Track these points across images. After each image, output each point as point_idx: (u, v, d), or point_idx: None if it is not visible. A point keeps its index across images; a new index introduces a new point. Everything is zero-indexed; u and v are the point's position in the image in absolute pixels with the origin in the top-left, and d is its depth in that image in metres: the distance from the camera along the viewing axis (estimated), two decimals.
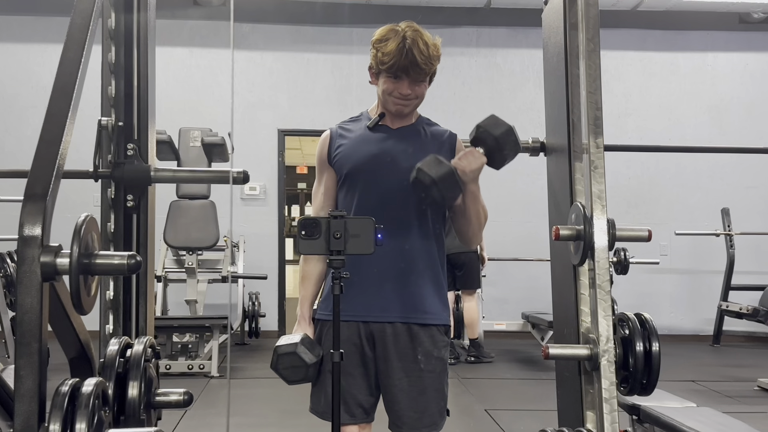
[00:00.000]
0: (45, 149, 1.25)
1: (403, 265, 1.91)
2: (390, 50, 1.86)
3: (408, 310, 1.91)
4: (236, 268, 6.21)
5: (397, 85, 1.90)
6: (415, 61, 1.85)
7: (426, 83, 1.94)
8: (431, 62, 1.89)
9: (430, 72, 1.91)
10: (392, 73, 1.89)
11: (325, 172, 2.01)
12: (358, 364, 1.92)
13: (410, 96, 1.91)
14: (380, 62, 1.89)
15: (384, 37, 1.90)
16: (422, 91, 1.94)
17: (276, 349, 1.89)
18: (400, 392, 1.91)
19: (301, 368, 1.85)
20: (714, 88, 7.29)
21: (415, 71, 1.87)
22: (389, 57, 1.86)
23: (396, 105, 1.93)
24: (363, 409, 1.94)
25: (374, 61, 1.92)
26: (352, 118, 2.07)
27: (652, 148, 6.56)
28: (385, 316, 1.91)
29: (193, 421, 3.74)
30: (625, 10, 6.97)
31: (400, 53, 1.85)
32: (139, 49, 2.02)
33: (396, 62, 1.86)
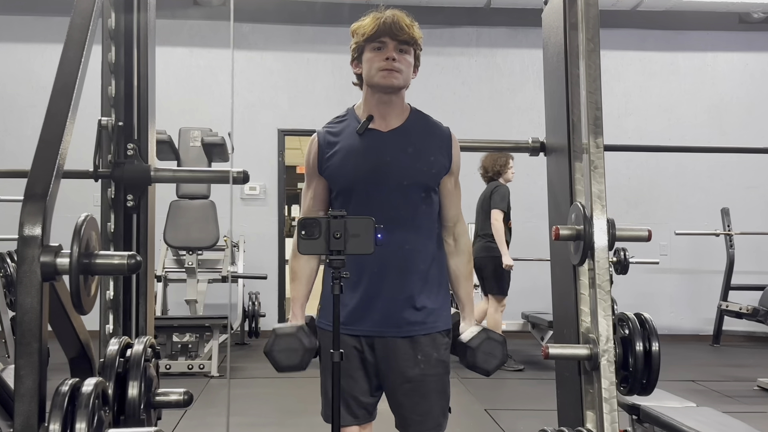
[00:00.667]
0: (45, 149, 1.25)
1: (404, 266, 1.89)
2: (369, 21, 1.86)
3: (408, 323, 1.89)
4: (236, 268, 6.21)
5: (383, 53, 1.85)
6: (397, 22, 1.83)
7: (411, 56, 1.88)
8: (414, 31, 1.86)
9: (414, 42, 1.87)
10: (376, 40, 1.85)
11: (314, 180, 1.95)
12: (358, 366, 1.91)
13: (396, 64, 1.84)
14: (362, 35, 1.87)
15: (362, 20, 1.90)
16: (408, 62, 1.87)
17: (274, 330, 1.87)
18: (404, 396, 1.91)
19: (297, 351, 1.83)
20: (714, 88, 7.29)
21: (399, 30, 1.83)
22: (369, 25, 1.85)
23: (384, 77, 1.85)
24: (365, 410, 1.94)
25: (355, 42, 1.90)
26: (338, 117, 1.98)
27: (652, 148, 6.56)
28: (386, 331, 1.89)
29: (193, 421, 3.74)
30: (625, 10, 6.97)
31: (379, 19, 1.84)
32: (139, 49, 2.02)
33: (377, 26, 1.84)
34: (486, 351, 1.89)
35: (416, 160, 1.88)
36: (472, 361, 1.90)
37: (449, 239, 1.99)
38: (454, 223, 1.99)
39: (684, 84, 7.27)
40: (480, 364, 1.90)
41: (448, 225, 1.98)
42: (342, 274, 1.60)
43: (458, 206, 2.00)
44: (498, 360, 1.91)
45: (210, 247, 5.58)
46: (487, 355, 1.89)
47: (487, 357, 1.90)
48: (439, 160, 1.92)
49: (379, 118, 1.91)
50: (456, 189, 1.98)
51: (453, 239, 1.99)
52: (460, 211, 2.01)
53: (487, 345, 1.90)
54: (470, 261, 2.03)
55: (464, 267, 2.01)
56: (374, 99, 1.90)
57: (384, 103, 1.90)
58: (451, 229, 1.99)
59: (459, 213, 2.00)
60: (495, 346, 1.90)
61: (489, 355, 1.90)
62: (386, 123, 1.91)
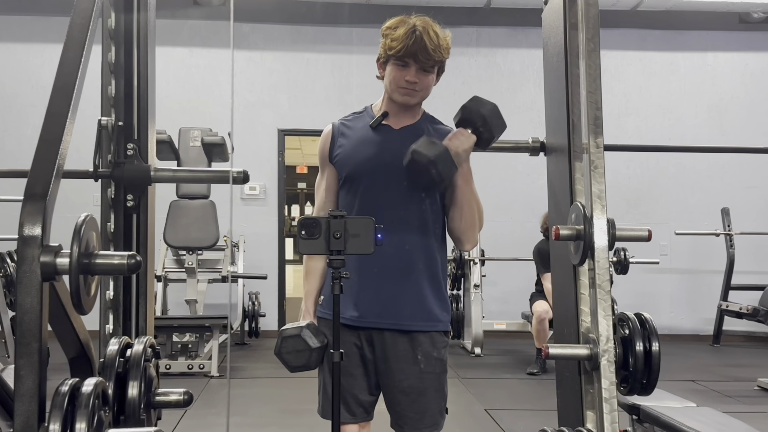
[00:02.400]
0: (45, 149, 1.25)
1: (403, 265, 1.90)
2: (399, 35, 1.84)
3: (407, 317, 1.90)
4: (236, 267, 6.21)
5: (404, 73, 1.87)
6: (424, 46, 1.83)
7: (434, 75, 1.91)
8: (440, 51, 1.86)
9: (439, 62, 1.88)
10: (400, 59, 1.86)
11: (326, 168, 2.00)
12: (358, 364, 1.92)
13: (417, 85, 1.88)
14: (389, 48, 1.86)
15: (393, 24, 1.88)
16: (429, 81, 1.91)
17: (281, 332, 1.88)
18: (401, 393, 1.91)
19: (304, 352, 1.84)
20: (714, 88, 7.29)
21: (424, 56, 1.84)
22: (398, 42, 1.84)
23: (403, 94, 1.90)
24: (363, 408, 1.94)
25: (383, 48, 1.90)
26: (354, 113, 2.04)
27: (652, 148, 6.56)
28: (385, 323, 1.90)
29: (193, 421, 3.74)
30: (625, 10, 6.97)
31: (409, 38, 1.83)
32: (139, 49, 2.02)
33: (404, 47, 1.83)
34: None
35: None
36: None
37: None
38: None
39: (684, 84, 7.27)
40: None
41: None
42: (342, 274, 1.60)
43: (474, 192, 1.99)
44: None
45: (210, 247, 5.58)
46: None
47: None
48: None
49: (393, 117, 1.97)
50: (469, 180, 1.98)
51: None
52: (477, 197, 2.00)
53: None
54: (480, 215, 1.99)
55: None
56: (392, 103, 1.96)
57: (400, 108, 1.96)
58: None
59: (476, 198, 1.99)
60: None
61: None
62: (398, 121, 1.97)
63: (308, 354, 1.84)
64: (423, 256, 1.92)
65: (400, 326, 1.90)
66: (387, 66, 1.91)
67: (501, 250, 6.51)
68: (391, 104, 1.96)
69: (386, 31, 1.89)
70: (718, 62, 7.32)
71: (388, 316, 1.90)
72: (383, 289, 1.90)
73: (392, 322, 1.90)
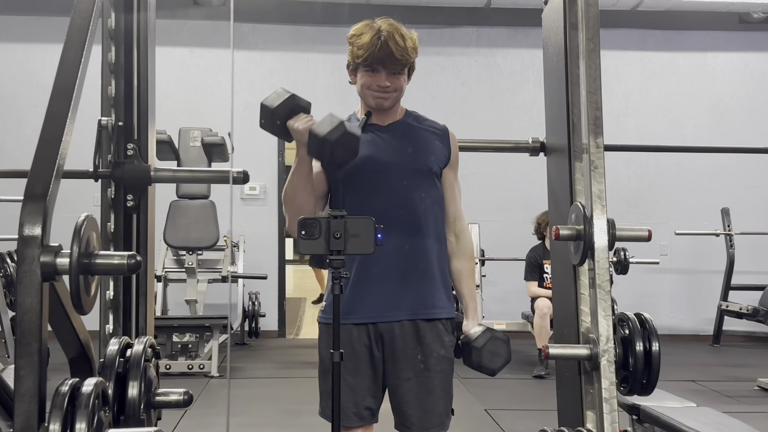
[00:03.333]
0: (45, 149, 1.25)
1: (405, 264, 1.90)
2: (364, 43, 1.85)
3: (413, 306, 1.91)
4: (236, 268, 6.20)
5: (375, 78, 1.89)
6: (390, 52, 1.84)
7: (404, 75, 1.92)
8: (407, 54, 1.87)
9: (407, 64, 1.90)
10: (368, 66, 1.87)
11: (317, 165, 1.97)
12: (367, 365, 1.91)
13: (389, 88, 1.89)
14: (356, 56, 1.88)
15: (359, 31, 1.89)
16: (401, 83, 1.91)
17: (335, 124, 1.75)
18: (408, 392, 1.91)
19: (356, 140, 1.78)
20: (714, 88, 7.29)
21: (392, 62, 1.85)
22: (364, 50, 1.85)
23: (375, 98, 1.91)
24: (370, 411, 1.93)
25: (350, 57, 1.91)
26: None
27: (652, 148, 6.55)
28: (392, 315, 1.90)
29: (193, 421, 3.74)
30: (625, 10, 6.97)
31: (374, 45, 1.84)
32: (139, 49, 2.02)
33: (371, 54, 1.84)
34: (491, 350, 1.89)
35: (416, 149, 1.94)
36: (478, 360, 1.89)
37: (450, 237, 2.01)
38: (454, 219, 2.01)
39: (684, 84, 7.27)
40: (485, 363, 1.89)
41: (449, 221, 2.01)
42: (342, 274, 1.60)
43: (458, 202, 2.03)
44: (503, 359, 1.90)
45: (210, 247, 5.58)
46: (492, 354, 1.89)
47: (492, 356, 1.89)
48: (438, 147, 1.97)
49: (377, 116, 1.97)
50: (456, 183, 2.03)
51: (454, 237, 2.01)
52: (460, 208, 2.03)
53: (492, 344, 1.89)
54: (472, 259, 2.04)
55: (466, 264, 2.03)
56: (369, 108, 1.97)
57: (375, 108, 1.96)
58: (451, 225, 2.01)
59: (459, 209, 2.03)
60: (500, 345, 1.90)
61: (494, 355, 1.89)
62: (384, 119, 1.98)
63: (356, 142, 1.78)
64: (423, 255, 1.92)
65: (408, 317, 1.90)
66: (357, 72, 1.92)
67: (501, 250, 6.50)
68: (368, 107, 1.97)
69: (351, 39, 1.90)
70: (718, 62, 7.32)
71: (395, 310, 1.90)
72: (385, 287, 1.90)
73: (397, 313, 1.90)
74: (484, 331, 1.92)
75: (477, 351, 1.89)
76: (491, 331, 1.92)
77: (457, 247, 2.01)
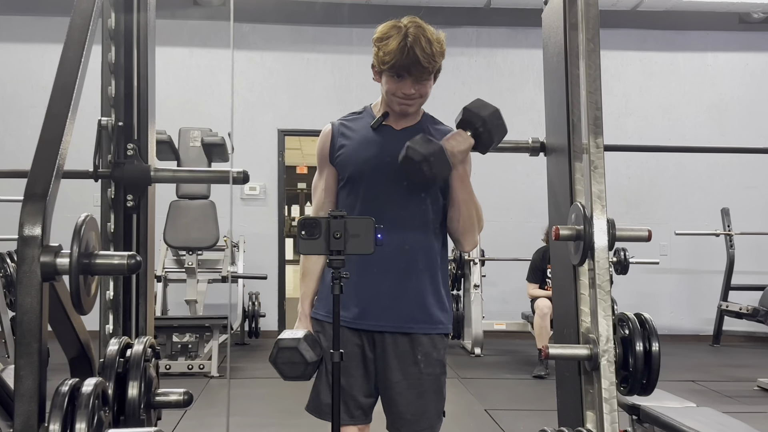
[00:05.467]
0: (45, 149, 1.25)
1: (404, 265, 1.89)
2: (391, 49, 1.80)
3: (408, 319, 1.90)
4: (236, 268, 6.21)
5: (400, 85, 1.85)
6: (417, 60, 1.79)
7: (431, 81, 1.89)
8: (434, 60, 1.83)
9: (434, 70, 1.86)
10: (394, 73, 1.84)
11: (325, 168, 1.98)
12: (359, 365, 1.91)
13: (414, 96, 1.86)
14: (382, 62, 1.84)
15: (385, 34, 1.84)
16: (426, 89, 1.89)
17: (277, 342, 1.87)
18: (399, 394, 1.91)
19: (299, 365, 1.83)
20: (714, 88, 7.29)
21: (418, 70, 1.82)
22: (390, 56, 1.81)
23: (400, 105, 1.89)
24: (362, 410, 1.93)
25: (376, 59, 1.87)
26: (353, 113, 2.01)
27: (652, 148, 6.56)
28: (385, 326, 1.89)
29: (193, 421, 3.74)
30: (625, 10, 6.97)
31: (401, 52, 1.79)
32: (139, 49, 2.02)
33: (397, 61, 1.80)
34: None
35: None
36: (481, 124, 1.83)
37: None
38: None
39: (684, 84, 7.28)
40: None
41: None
42: (342, 274, 1.60)
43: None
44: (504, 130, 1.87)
45: (210, 247, 5.58)
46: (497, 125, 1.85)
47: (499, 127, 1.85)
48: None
49: (393, 118, 1.95)
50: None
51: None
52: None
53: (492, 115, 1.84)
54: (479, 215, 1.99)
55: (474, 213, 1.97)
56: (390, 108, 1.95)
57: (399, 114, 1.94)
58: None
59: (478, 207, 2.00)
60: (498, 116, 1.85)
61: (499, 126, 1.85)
62: (399, 122, 1.96)
63: (303, 367, 1.84)
64: (423, 257, 1.92)
65: (401, 328, 1.90)
66: (383, 74, 1.89)
67: (501, 251, 6.51)
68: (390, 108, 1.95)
69: (378, 43, 1.85)
70: (718, 62, 7.32)
71: (389, 318, 1.89)
72: (383, 290, 1.89)
73: (393, 324, 1.89)
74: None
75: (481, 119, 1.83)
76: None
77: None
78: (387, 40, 1.83)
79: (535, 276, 5.53)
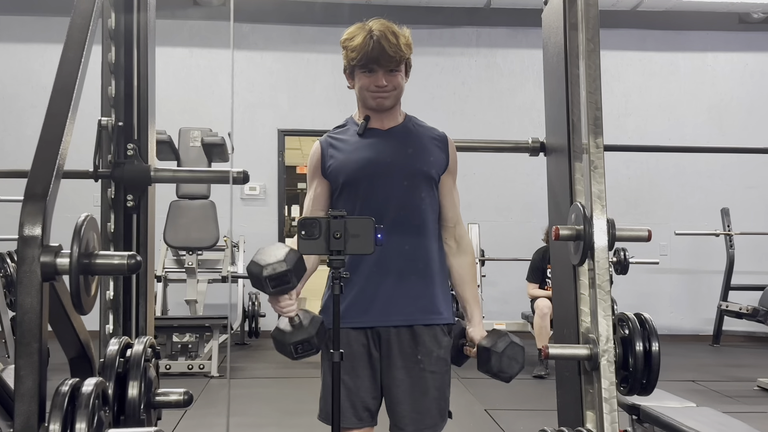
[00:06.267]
0: (45, 149, 1.25)
1: (404, 265, 1.90)
2: (357, 44, 1.85)
3: (412, 312, 1.90)
4: (236, 268, 6.20)
5: (372, 78, 1.88)
6: (383, 50, 1.83)
7: (401, 73, 1.91)
8: (401, 50, 1.86)
9: (402, 60, 1.89)
10: (364, 67, 1.87)
11: (316, 181, 1.98)
12: (365, 365, 1.91)
13: (387, 87, 1.89)
14: (350, 59, 1.88)
15: (351, 34, 1.89)
16: (398, 81, 1.91)
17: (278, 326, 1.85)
18: (403, 392, 1.90)
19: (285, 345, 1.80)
20: (714, 88, 7.29)
21: (386, 60, 1.85)
22: (357, 51, 1.85)
23: (375, 98, 1.90)
24: (369, 413, 1.93)
25: (345, 60, 1.91)
26: (337, 127, 2.02)
27: (652, 148, 6.56)
28: (390, 320, 1.90)
29: (193, 421, 3.74)
30: (625, 10, 6.97)
31: (367, 45, 1.84)
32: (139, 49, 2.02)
33: (365, 54, 1.84)
34: (510, 356, 1.86)
35: (415, 152, 1.94)
36: (498, 366, 1.86)
37: (450, 241, 2.01)
38: (454, 224, 2.01)
39: (684, 84, 7.27)
40: (505, 368, 1.86)
41: (449, 226, 2.01)
42: (342, 274, 1.60)
43: (457, 208, 2.03)
44: (520, 365, 1.88)
45: (210, 247, 5.58)
46: (511, 360, 1.86)
47: (511, 362, 1.86)
48: (437, 153, 1.97)
49: (376, 120, 1.97)
50: (454, 190, 2.02)
51: (454, 241, 2.01)
52: (459, 214, 2.03)
53: (511, 349, 1.86)
54: (474, 263, 2.04)
55: (468, 268, 2.02)
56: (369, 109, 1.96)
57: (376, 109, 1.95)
58: (451, 231, 2.01)
59: (458, 215, 2.03)
60: (518, 350, 1.88)
61: (513, 360, 1.86)
62: (383, 123, 1.97)
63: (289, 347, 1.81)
64: (423, 257, 1.93)
65: (404, 321, 1.90)
66: (354, 76, 1.92)
67: (501, 250, 6.51)
68: (368, 110, 1.96)
69: (345, 43, 1.90)
70: (718, 62, 7.32)
71: (391, 313, 1.90)
72: (384, 289, 1.89)
73: (396, 318, 1.90)
74: (503, 336, 1.89)
75: (497, 356, 1.86)
76: (509, 336, 1.89)
77: (458, 251, 2.01)
78: (353, 38, 1.88)
79: (535, 276, 5.53)
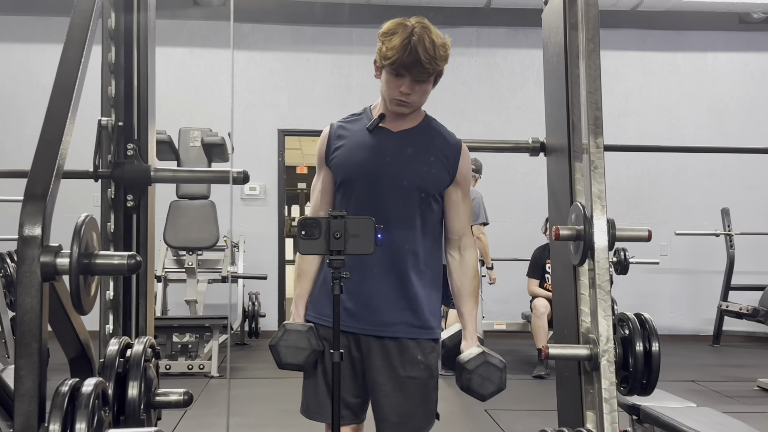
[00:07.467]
0: (45, 149, 1.25)
1: (396, 270, 1.88)
2: (394, 45, 1.78)
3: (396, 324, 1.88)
4: (236, 268, 6.21)
5: (398, 83, 1.82)
6: (418, 59, 1.77)
7: (430, 84, 1.86)
8: (436, 62, 1.80)
9: (434, 72, 1.83)
10: (394, 70, 1.81)
11: (323, 170, 1.97)
12: (347, 365, 1.89)
13: (411, 96, 1.83)
14: (383, 57, 1.81)
15: (391, 30, 1.82)
16: (424, 91, 1.86)
17: (284, 325, 1.87)
18: (384, 397, 1.89)
19: (304, 351, 1.83)
20: (714, 88, 7.29)
21: (418, 70, 1.79)
22: (392, 52, 1.78)
23: (396, 105, 1.86)
24: (351, 411, 1.92)
25: (378, 54, 1.84)
26: (353, 115, 1.99)
27: (652, 148, 6.56)
28: (371, 330, 1.88)
29: (193, 421, 3.74)
30: (625, 10, 6.97)
31: (403, 50, 1.77)
32: (139, 49, 2.02)
33: (398, 58, 1.78)
34: (483, 375, 1.82)
35: (415, 160, 1.89)
36: (467, 383, 1.83)
37: (454, 253, 1.97)
38: (460, 237, 1.96)
39: (684, 84, 7.28)
40: (474, 387, 1.82)
41: (453, 238, 1.96)
42: (342, 275, 1.60)
43: (465, 220, 1.98)
44: (495, 386, 1.83)
45: (210, 247, 5.58)
46: (483, 379, 1.82)
47: (483, 381, 1.82)
48: (440, 165, 1.91)
49: (391, 120, 1.92)
50: (464, 202, 1.96)
51: (458, 253, 1.97)
52: (466, 225, 1.98)
53: (484, 369, 1.82)
54: (475, 277, 1.98)
55: (469, 284, 1.97)
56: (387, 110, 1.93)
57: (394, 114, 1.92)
58: (456, 243, 1.97)
59: (464, 227, 1.97)
60: (493, 371, 1.83)
61: (485, 380, 1.82)
62: (396, 125, 1.92)
63: (307, 353, 1.84)
64: (415, 260, 1.90)
65: (387, 332, 1.88)
66: (383, 70, 1.86)
67: (501, 250, 6.49)
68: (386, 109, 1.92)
69: (383, 37, 1.83)
70: (718, 62, 7.32)
71: (376, 323, 1.88)
72: (374, 293, 1.87)
73: (379, 328, 1.88)
74: (479, 355, 1.85)
75: (467, 373, 1.82)
76: (486, 356, 1.84)
77: (459, 264, 1.96)
78: (392, 36, 1.80)
79: (534, 271, 5.52)
